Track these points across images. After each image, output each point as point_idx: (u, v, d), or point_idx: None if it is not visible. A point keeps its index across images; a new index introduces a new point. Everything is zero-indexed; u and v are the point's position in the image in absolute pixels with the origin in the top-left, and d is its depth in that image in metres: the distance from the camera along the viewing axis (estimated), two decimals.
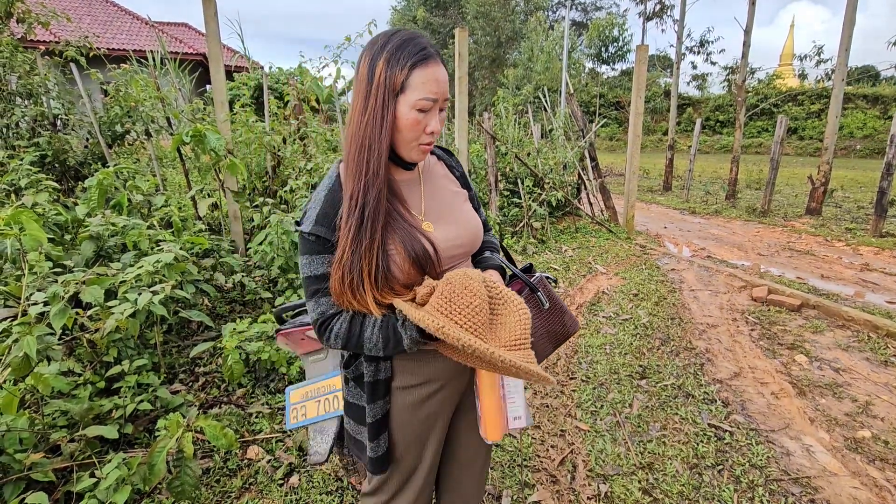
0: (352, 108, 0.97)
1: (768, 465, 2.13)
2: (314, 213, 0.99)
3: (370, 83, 0.93)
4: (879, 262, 5.36)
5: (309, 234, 0.98)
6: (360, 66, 0.95)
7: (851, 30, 7.75)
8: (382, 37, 0.95)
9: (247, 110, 4.36)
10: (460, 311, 0.90)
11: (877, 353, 3.16)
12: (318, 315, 1.02)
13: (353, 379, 1.09)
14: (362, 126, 0.94)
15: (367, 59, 0.94)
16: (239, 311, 3.41)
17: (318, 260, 0.99)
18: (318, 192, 1.01)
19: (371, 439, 1.07)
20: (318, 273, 0.99)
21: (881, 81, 30.13)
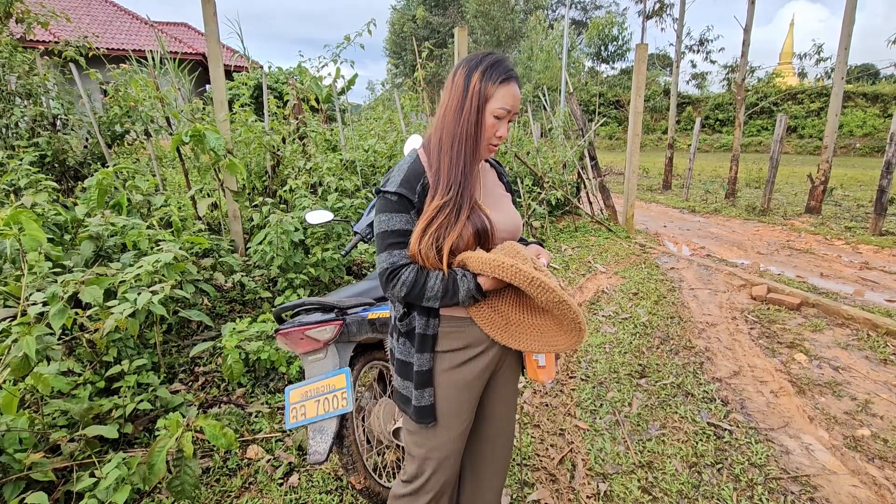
0: (444, 108, 1.19)
1: (768, 464, 2.13)
2: (398, 178, 1.17)
3: (466, 90, 1.15)
4: (879, 261, 5.36)
5: (393, 193, 1.16)
6: (457, 76, 1.17)
7: (851, 28, 7.75)
8: (479, 55, 1.18)
9: (246, 110, 4.36)
10: (521, 257, 1.10)
11: (876, 351, 3.16)
12: (389, 265, 1.17)
13: (405, 333, 1.24)
14: (459, 123, 1.16)
15: (464, 71, 1.16)
16: (238, 311, 3.42)
17: (397, 217, 1.17)
18: (402, 165, 1.20)
19: (417, 388, 1.23)
20: (396, 228, 1.17)
21: (881, 80, 30.12)
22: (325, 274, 3.46)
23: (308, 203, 3.51)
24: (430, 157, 1.19)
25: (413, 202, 1.16)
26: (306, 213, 2.53)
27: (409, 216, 1.17)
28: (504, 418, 1.43)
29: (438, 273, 1.16)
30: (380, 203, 1.19)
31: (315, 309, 1.69)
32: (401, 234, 1.17)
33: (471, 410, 1.30)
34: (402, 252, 1.17)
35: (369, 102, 11.99)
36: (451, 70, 1.22)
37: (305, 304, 1.67)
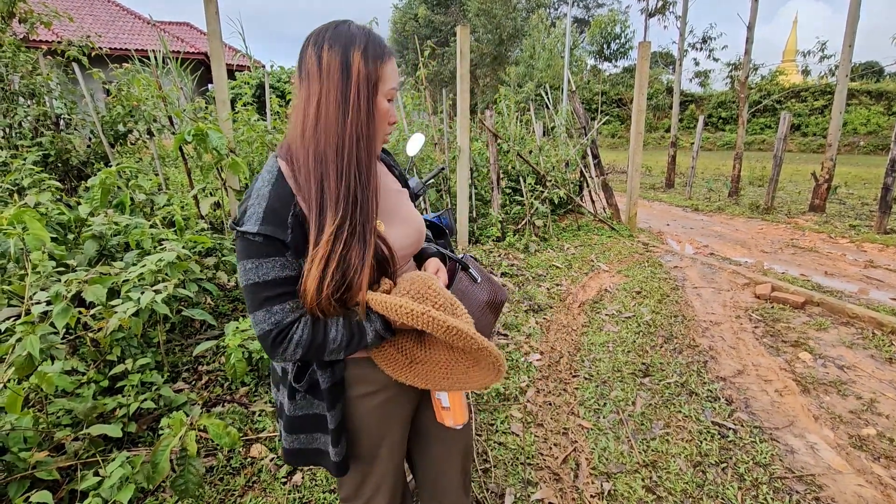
0: (314, 105, 0.90)
1: (772, 463, 2.12)
2: (259, 210, 0.89)
3: (347, 77, 0.89)
4: (884, 259, 5.34)
5: (256, 234, 0.88)
6: (325, 60, 0.89)
7: (855, 25, 7.70)
8: (342, 29, 0.93)
9: (249, 109, 4.36)
10: (433, 298, 0.94)
11: (881, 350, 3.15)
12: (272, 325, 0.91)
13: (307, 391, 1.03)
14: (346, 121, 0.89)
15: (338, 53, 0.89)
16: (242, 310, 3.42)
17: (269, 264, 0.90)
18: (260, 189, 0.91)
19: (335, 444, 1.04)
20: (269, 278, 0.90)
21: (885, 77, 29.95)
22: None
23: None
24: (300, 175, 0.91)
25: (286, 242, 0.90)
26: None
27: (285, 259, 0.91)
28: (452, 436, 1.28)
29: (337, 319, 0.94)
30: (240, 246, 0.91)
31: None
32: (277, 283, 0.90)
33: (402, 441, 1.17)
34: (284, 306, 0.92)
35: None
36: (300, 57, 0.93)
37: None
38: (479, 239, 5.44)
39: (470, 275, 1.25)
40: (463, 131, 5.06)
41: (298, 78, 0.94)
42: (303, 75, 0.92)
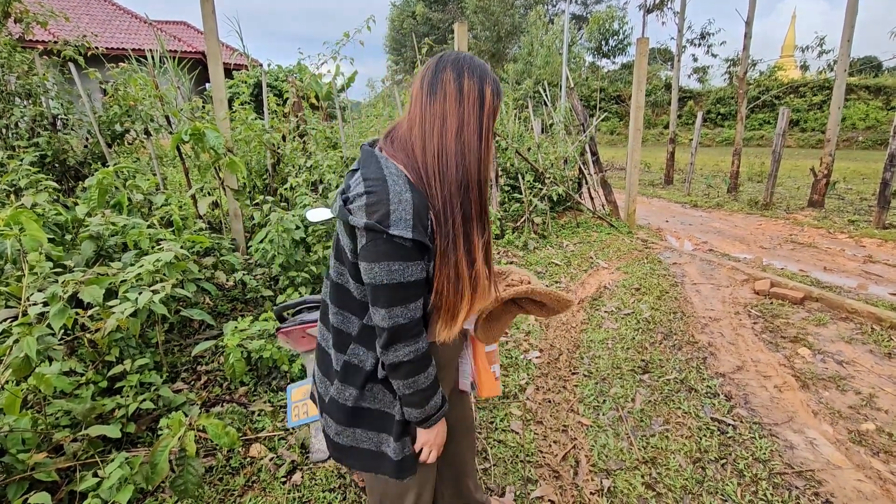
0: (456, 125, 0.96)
1: (772, 459, 2.13)
2: (408, 215, 0.91)
3: (482, 106, 0.98)
4: (883, 254, 5.34)
5: (408, 240, 0.91)
6: (466, 86, 0.97)
7: (853, 20, 7.68)
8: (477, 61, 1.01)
9: (246, 108, 4.35)
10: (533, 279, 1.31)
11: (880, 345, 3.15)
12: (407, 319, 0.96)
13: (382, 381, 1.07)
14: (482, 146, 0.99)
15: (476, 82, 0.98)
16: (240, 310, 3.42)
17: (414, 267, 0.94)
18: (400, 193, 0.92)
19: (398, 438, 1.07)
20: (413, 279, 0.95)
21: (883, 72, 29.91)
22: (326, 272, 3.46)
23: (309, 201, 3.50)
24: (436, 187, 0.95)
25: (430, 248, 0.95)
26: (307, 211, 2.53)
27: (423, 262, 0.96)
28: (465, 416, 1.42)
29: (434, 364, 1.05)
30: (387, 248, 0.92)
31: (317, 307, 1.69)
32: (419, 284, 0.96)
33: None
34: (418, 303, 0.98)
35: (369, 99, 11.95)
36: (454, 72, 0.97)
37: (307, 303, 1.66)
38: None
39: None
40: None
41: (426, 92, 0.98)
42: (436, 92, 0.97)
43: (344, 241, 1.02)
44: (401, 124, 1.05)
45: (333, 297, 1.09)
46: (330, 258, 1.10)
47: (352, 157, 4.63)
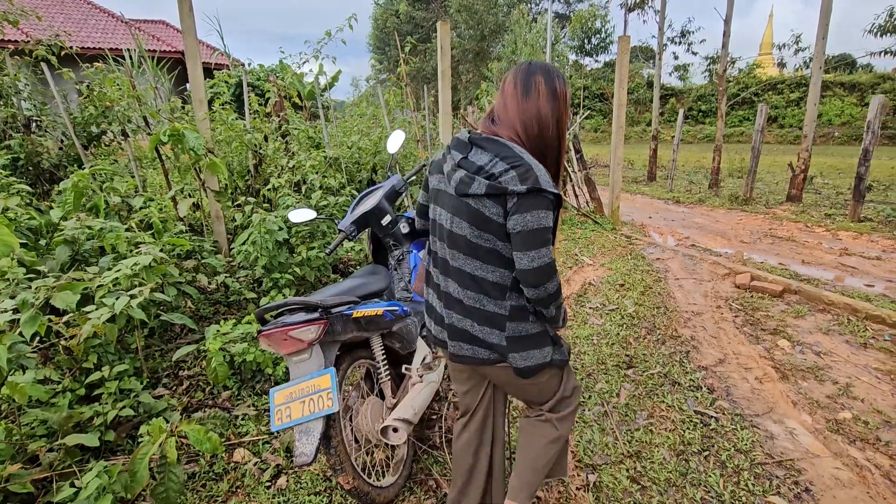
0: (556, 118, 1.34)
1: (753, 450, 2.16)
2: (548, 178, 1.26)
3: (566, 102, 1.36)
4: (858, 247, 5.47)
5: (556, 195, 1.26)
6: (557, 88, 1.34)
7: (828, 18, 7.85)
8: (557, 70, 1.36)
9: (227, 108, 4.29)
10: None
11: (856, 335, 3.23)
12: (550, 259, 1.26)
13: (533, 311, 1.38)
14: (564, 128, 1.37)
15: (562, 85, 1.35)
16: (223, 313, 3.37)
17: (552, 215, 1.26)
18: (538, 165, 1.27)
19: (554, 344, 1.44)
20: (551, 225, 1.26)
21: (857, 69, 30.63)
22: (310, 273, 3.43)
23: (291, 202, 3.47)
24: (547, 157, 1.35)
25: (561, 201, 1.31)
26: (289, 212, 2.50)
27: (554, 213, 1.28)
28: None
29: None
30: (543, 202, 1.23)
31: (298, 309, 1.67)
32: (551, 230, 1.26)
33: None
34: (551, 248, 1.26)
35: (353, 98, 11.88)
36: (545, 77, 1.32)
37: (288, 305, 1.64)
38: None
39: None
40: (445, 128, 5.04)
41: (521, 92, 1.32)
42: (530, 92, 1.32)
43: (491, 211, 1.27)
44: (498, 117, 1.36)
45: (485, 259, 1.33)
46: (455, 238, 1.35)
47: (335, 156, 4.59)
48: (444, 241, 1.39)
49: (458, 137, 1.38)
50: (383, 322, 1.91)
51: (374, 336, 1.93)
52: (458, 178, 1.30)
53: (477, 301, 1.35)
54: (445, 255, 1.40)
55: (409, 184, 2.67)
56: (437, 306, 1.47)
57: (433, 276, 1.49)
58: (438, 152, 1.50)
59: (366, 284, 2.06)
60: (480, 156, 1.31)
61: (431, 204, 1.47)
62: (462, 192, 1.29)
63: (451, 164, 1.35)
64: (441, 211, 1.40)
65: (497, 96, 1.40)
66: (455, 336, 1.40)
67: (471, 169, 1.29)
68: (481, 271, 1.33)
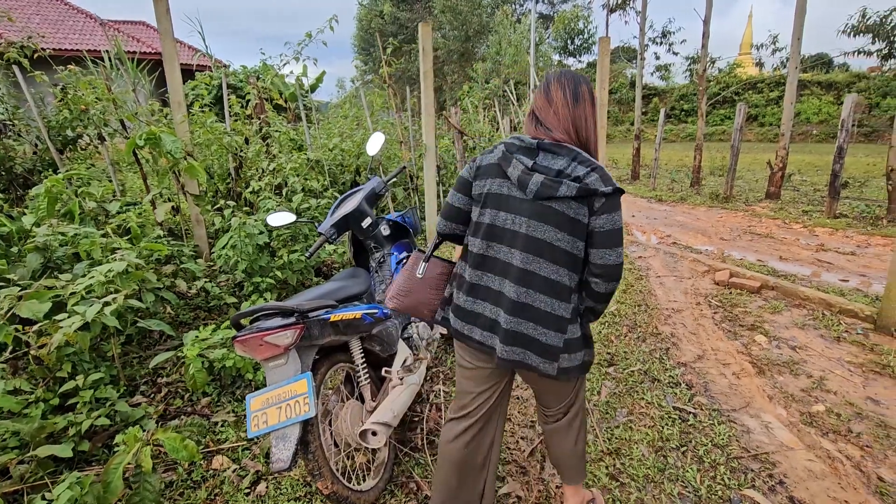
0: (595, 118, 1.46)
1: (729, 444, 2.20)
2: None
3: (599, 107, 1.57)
4: (833, 242, 5.60)
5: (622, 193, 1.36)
6: (596, 96, 1.48)
7: (802, 19, 8.03)
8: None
9: (206, 111, 4.24)
10: None
11: (830, 329, 3.30)
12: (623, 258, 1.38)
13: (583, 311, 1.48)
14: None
15: (592, 91, 1.45)
16: (204, 318, 3.33)
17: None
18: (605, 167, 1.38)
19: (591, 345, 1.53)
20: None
21: (834, 68, 31.29)
22: (292, 277, 3.40)
23: (272, 204, 3.44)
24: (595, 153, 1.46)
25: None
26: (267, 216, 2.48)
27: None
28: None
29: None
30: (617, 200, 1.33)
31: (274, 314, 1.65)
32: None
33: None
34: None
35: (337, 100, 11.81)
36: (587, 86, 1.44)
37: (264, 310, 1.63)
38: None
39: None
40: (428, 129, 5.04)
41: (571, 100, 1.40)
42: (579, 101, 1.41)
43: (577, 213, 1.33)
44: (549, 123, 1.41)
45: (562, 262, 1.36)
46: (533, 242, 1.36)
47: (316, 158, 4.56)
48: (512, 245, 1.38)
49: (517, 142, 1.39)
50: (362, 325, 1.90)
51: (353, 339, 1.92)
52: (539, 181, 1.32)
53: (548, 304, 1.36)
54: (511, 259, 1.38)
55: (389, 186, 2.67)
56: (486, 311, 1.44)
57: (481, 281, 1.45)
58: (486, 155, 1.47)
59: (345, 288, 2.06)
60: (554, 160, 1.36)
61: (487, 209, 1.42)
62: (546, 195, 1.31)
63: (520, 169, 1.35)
64: (508, 215, 1.38)
65: (540, 102, 1.44)
66: (510, 340, 1.38)
67: (550, 173, 1.33)
68: (556, 275, 1.35)
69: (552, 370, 1.39)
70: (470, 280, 1.47)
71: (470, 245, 1.48)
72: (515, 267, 1.37)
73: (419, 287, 1.61)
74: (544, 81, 1.47)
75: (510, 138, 1.44)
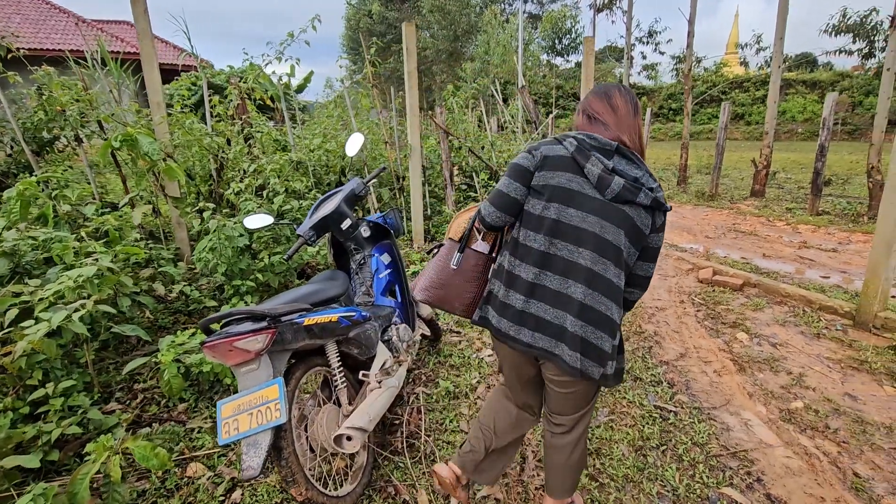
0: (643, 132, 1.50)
1: (709, 442, 2.21)
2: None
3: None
4: (816, 239, 5.66)
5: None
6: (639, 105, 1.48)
7: (785, 19, 8.11)
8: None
9: (186, 112, 4.18)
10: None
11: (811, 326, 3.34)
12: None
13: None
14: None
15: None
16: (184, 322, 3.28)
17: None
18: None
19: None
20: None
21: (818, 67, 31.73)
22: (274, 279, 3.36)
23: (252, 206, 3.40)
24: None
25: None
26: (244, 219, 2.45)
27: None
28: None
29: None
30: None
31: (245, 318, 1.62)
32: None
33: None
34: None
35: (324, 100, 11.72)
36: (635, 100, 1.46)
37: (234, 315, 1.60)
38: (434, 236, 5.43)
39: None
40: (413, 129, 5.02)
41: (633, 112, 1.43)
42: (637, 112, 1.44)
43: (643, 222, 1.35)
44: (615, 130, 1.40)
45: (622, 267, 1.35)
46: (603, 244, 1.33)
47: (298, 159, 4.52)
48: (579, 244, 1.33)
49: (590, 140, 1.35)
50: (339, 329, 1.88)
51: (329, 343, 1.90)
52: (619, 184, 1.30)
53: (608, 308, 1.34)
54: (578, 258, 1.33)
55: (369, 187, 2.65)
56: (541, 312, 1.37)
57: (541, 281, 1.38)
58: (549, 146, 1.40)
59: (322, 290, 2.03)
60: (630, 166, 1.35)
61: (553, 203, 1.35)
62: (625, 198, 1.31)
63: (601, 168, 1.32)
64: (577, 213, 1.33)
65: (599, 107, 1.43)
66: (577, 346, 1.34)
67: (628, 178, 1.33)
68: (618, 278, 1.34)
69: (597, 374, 1.36)
70: (527, 278, 1.38)
71: (526, 240, 1.40)
72: (583, 267, 1.33)
73: (452, 279, 1.54)
74: (601, 90, 1.45)
75: (579, 134, 1.38)
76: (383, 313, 2.37)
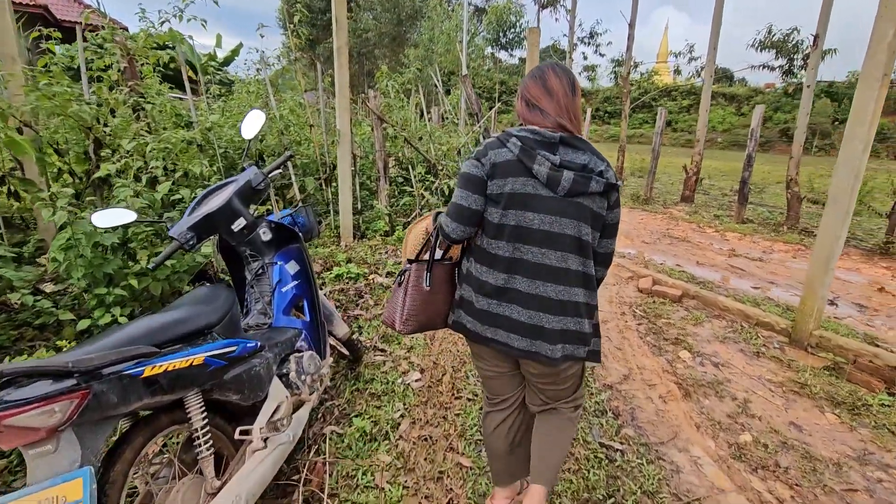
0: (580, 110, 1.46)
1: (660, 490, 1.95)
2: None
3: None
4: (743, 248, 5.80)
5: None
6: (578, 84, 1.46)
7: (718, 30, 8.35)
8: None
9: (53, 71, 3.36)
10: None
11: (750, 343, 3.24)
12: None
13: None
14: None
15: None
16: (30, 339, 2.58)
17: None
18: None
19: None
20: None
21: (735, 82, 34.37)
22: (156, 286, 2.73)
23: (126, 193, 2.73)
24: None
25: None
26: (93, 214, 1.84)
27: None
28: None
29: None
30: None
31: (39, 375, 1.09)
32: None
33: None
34: None
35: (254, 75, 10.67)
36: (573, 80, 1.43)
37: (17, 372, 1.06)
38: (364, 233, 4.92)
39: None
40: (343, 112, 4.46)
41: (571, 92, 1.41)
42: (576, 93, 1.42)
43: (600, 206, 1.35)
44: (556, 114, 1.37)
45: (589, 255, 1.37)
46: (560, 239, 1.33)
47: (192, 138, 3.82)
48: (543, 245, 1.34)
49: (532, 136, 1.33)
50: (203, 375, 1.38)
51: (189, 395, 1.39)
52: (571, 178, 1.29)
53: (584, 296, 1.38)
54: (544, 259, 1.34)
55: (269, 178, 2.11)
56: (514, 314, 1.37)
57: (510, 284, 1.38)
58: (494, 151, 1.36)
59: (184, 321, 1.49)
60: (576, 154, 1.34)
61: (511, 210, 1.34)
62: (578, 191, 1.30)
63: (548, 166, 1.30)
64: (536, 215, 1.33)
65: (535, 92, 1.39)
66: (557, 339, 1.36)
67: (575, 168, 1.32)
68: (584, 266, 1.37)
69: (583, 353, 1.42)
70: (496, 283, 1.39)
71: (490, 247, 1.40)
72: (551, 267, 1.35)
73: (429, 299, 1.52)
74: (537, 72, 1.41)
75: (520, 130, 1.35)
76: (283, 338, 1.88)
